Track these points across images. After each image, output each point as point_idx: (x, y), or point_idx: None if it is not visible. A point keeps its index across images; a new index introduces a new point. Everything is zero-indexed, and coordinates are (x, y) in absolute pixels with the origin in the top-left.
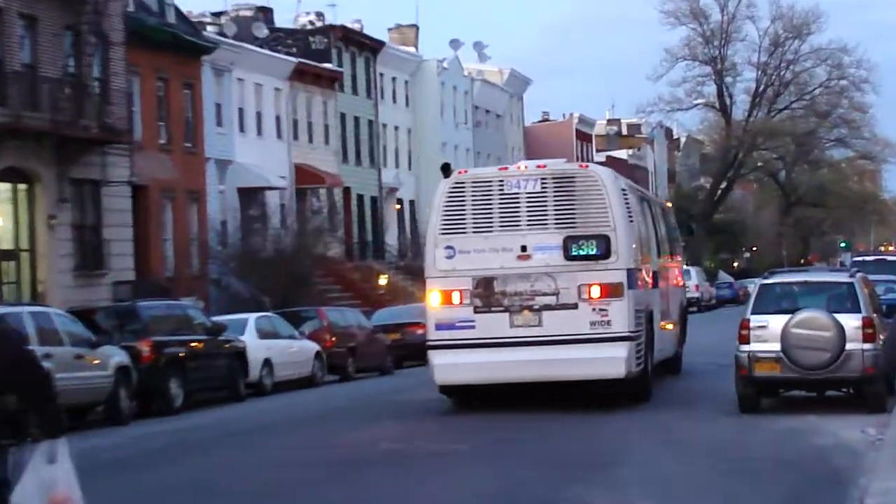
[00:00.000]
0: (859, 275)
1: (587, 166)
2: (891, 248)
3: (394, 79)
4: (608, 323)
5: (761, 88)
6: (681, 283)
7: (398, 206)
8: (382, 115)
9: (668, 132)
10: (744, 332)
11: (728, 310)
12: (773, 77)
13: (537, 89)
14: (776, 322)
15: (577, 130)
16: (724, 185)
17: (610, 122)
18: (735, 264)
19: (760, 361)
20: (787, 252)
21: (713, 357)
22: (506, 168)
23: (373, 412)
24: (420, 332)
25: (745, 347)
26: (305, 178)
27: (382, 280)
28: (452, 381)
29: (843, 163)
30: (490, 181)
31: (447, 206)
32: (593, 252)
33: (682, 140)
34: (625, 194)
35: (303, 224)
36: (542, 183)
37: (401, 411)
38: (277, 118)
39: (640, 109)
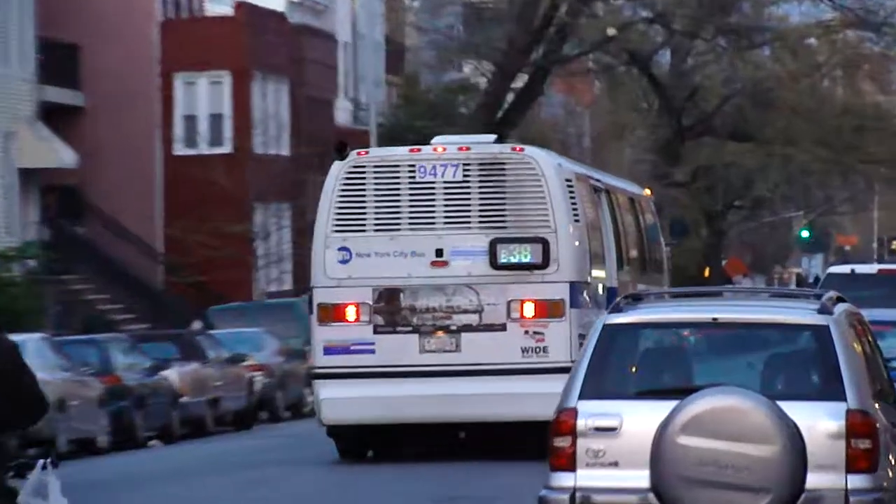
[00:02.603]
0: (840, 308)
1: (522, 150)
2: None
3: None
4: (544, 350)
5: None
6: None
7: None
8: None
9: None
10: (561, 444)
11: None
12: None
13: None
14: (642, 418)
15: None
16: (526, 79)
17: None
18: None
19: None
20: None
21: None
22: (418, 149)
23: None
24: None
25: (564, 478)
26: None
27: None
28: (344, 419)
29: (818, 32)
30: (397, 166)
31: (342, 196)
32: (527, 259)
33: None
34: (570, 186)
35: None
36: (465, 170)
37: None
38: None
39: None
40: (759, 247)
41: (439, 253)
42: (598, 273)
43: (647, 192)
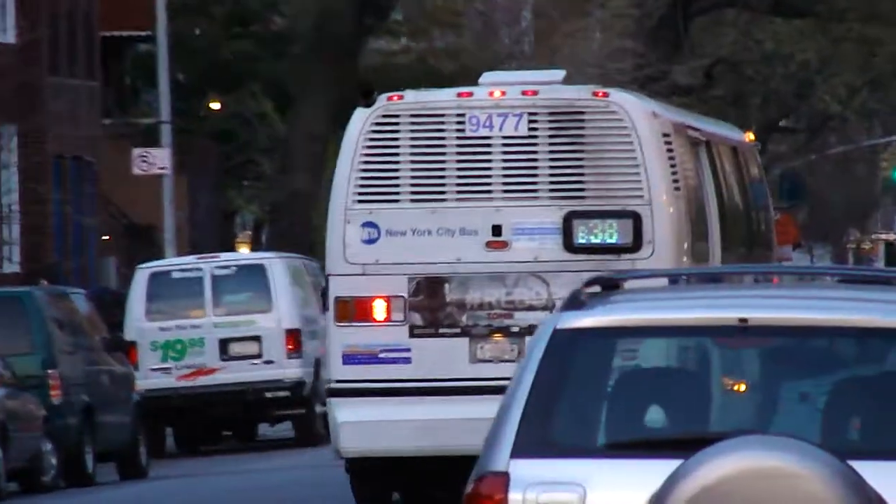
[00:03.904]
0: None
1: (607, 94)
2: None
3: None
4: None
5: None
6: None
7: None
8: None
9: None
10: None
11: None
12: None
13: None
14: (619, 490)
15: None
16: None
17: None
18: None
19: None
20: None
21: None
22: (469, 93)
23: None
24: None
25: None
26: None
27: None
28: (370, 450)
29: None
30: (442, 115)
31: (368, 155)
32: (613, 240)
33: None
34: (668, 142)
35: None
36: (531, 121)
37: None
38: None
39: None
40: (821, 197)
41: (497, 231)
42: (700, 256)
43: (750, 136)
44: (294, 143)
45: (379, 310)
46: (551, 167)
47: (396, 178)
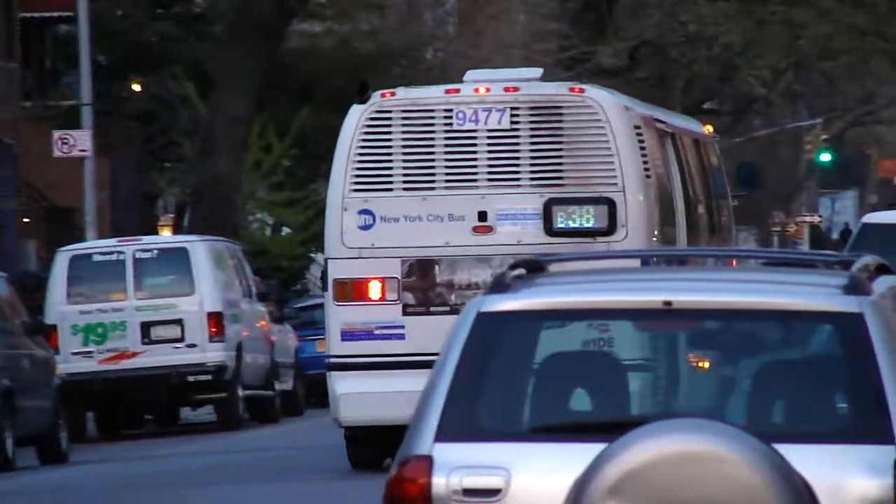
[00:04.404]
0: (884, 285)
1: (583, 90)
2: None
3: None
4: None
5: None
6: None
7: None
8: None
9: None
10: None
11: None
12: None
13: None
14: (543, 473)
15: None
16: None
17: None
18: None
19: None
20: None
21: None
22: (456, 90)
23: None
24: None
25: None
26: None
27: None
28: (367, 419)
29: None
30: (431, 110)
31: (364, 147)
32: (590, 224)
33: None
34: (639, 134)
35: None
36: (513, 115)
37: None
38: None
39: None
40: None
41: (482, 217)
42: (668, 239)
43: (709, 128)
44: (216, 125)
45: (374, 290)
46: (532, 158)
47: (390, 168)
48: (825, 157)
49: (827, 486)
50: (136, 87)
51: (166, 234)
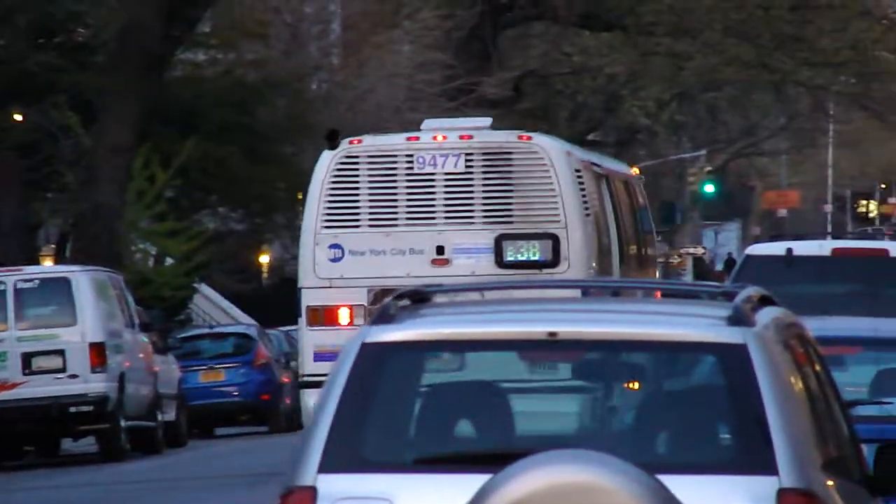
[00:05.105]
0: (767, 316)
1: (530, 138)
2: None
3: None
4: None
5: None
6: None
7: None
8: None
9: None
10: None
11: None
12: None
13: None
14: None
15: None
16: None
17: None
18: None
19: None
20: None
21: None
22: (416, 137)
23: None
24: None
25: None
26: None
27: None
28: None
29: None
30: (394, 155)
31: (333, 188)
32: (536, 257)
33: None
34: (579, 176)
35: None
36: (468, 160)
37: None
38: None
39: None
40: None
41: (440, 250)
42: (604, 270)
43: (635, 170)
44: (98, 154)
45: (343, 316)
46: (484, 197)
47: (357, 207)
48: (709, 188)
49: None
50: (18, 117)
51: (48, 264)
